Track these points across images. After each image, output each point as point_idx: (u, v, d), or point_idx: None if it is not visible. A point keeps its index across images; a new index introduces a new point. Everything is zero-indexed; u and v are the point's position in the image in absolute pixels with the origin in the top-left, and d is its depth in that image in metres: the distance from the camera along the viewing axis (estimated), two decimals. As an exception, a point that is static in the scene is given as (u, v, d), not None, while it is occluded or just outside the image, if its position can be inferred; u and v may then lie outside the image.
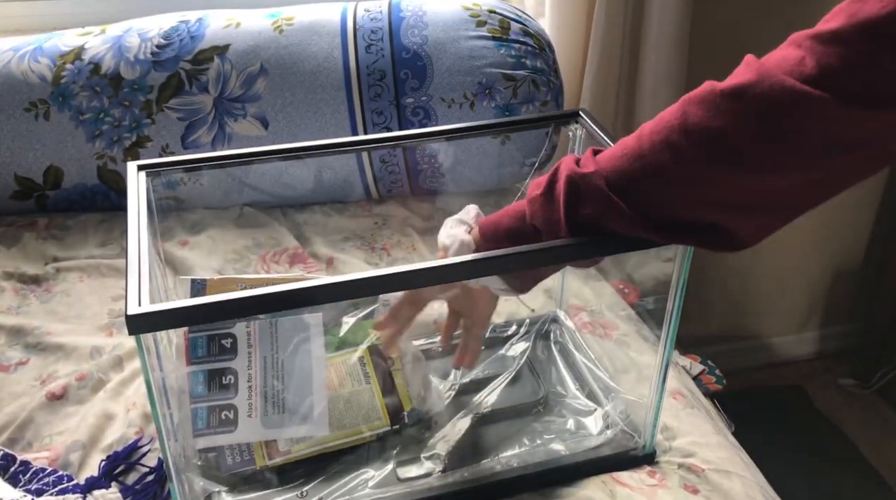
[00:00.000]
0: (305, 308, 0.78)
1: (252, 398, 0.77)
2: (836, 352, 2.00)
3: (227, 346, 0.78)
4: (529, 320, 0.99)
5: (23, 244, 1.15)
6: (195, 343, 0.78)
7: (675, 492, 0.78)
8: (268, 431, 0.77)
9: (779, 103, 0.55)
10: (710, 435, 0.87)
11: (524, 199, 0.71)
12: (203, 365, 0.77)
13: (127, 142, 1.17)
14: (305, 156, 0.88)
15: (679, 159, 0.60)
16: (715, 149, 0.58)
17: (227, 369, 0.77)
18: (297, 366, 0.78)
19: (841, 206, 1.77)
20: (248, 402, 0.77)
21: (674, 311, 0.77)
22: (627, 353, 0.95)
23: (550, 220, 0.67)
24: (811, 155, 0.57)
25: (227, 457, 0.78)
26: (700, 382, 1.45)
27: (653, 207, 0.63)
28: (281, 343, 0.79)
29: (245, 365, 0.77)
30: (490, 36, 1.17)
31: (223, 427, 0.76)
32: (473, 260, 0.68)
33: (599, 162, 0.65)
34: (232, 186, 1.20)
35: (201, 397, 0.76)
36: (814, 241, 1.83)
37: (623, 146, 0.64)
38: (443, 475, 0.80)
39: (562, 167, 0.67)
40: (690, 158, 0.59)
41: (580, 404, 0.89)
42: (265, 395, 0.77)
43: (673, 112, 0.61)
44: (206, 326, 0.79)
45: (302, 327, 0.79)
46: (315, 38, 1.17)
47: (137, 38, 1.18)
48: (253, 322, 0.79)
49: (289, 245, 1.14)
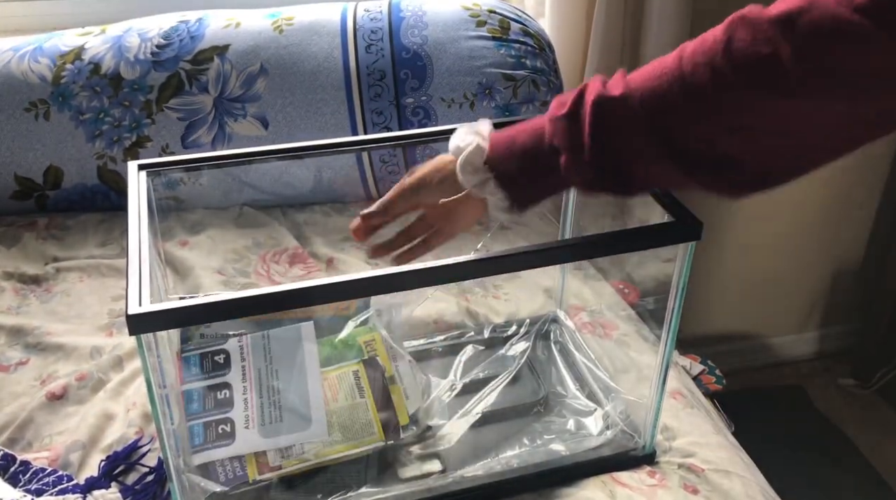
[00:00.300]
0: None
1: (248, 410, 0.76)
2: (836, 352, 2.00)
3: (220, 361, 0.78)
4: (529, 320, 0.99)
5: (23, 244, 1.15)
6: (188, 362, 0.78)
7: (675, 492, 0.78)
8: (266, 440, 0.76)
9: (828, 31, 0.53)
10: (710, 435, 0.87)
11: (542, 115, 0.68)
12: (197, 383, 0.77)
13: (127, 142, 1.17)
14: (305, 156, 0.88)
15: (720, 84, 0.57)
16: (759, 75, 0.56)
17: (221, 384, 0.77)
18: (291, 373, 0.78)
19: (841, 205, 1.78)
20: (245, 414, 0.76)
21: (674, 311, 0.77)
22: (627, 353, 0.95)
23: (573, 144, 0.64)
24: (857, 86, 0.55)
25: (220, 474, 0.76)
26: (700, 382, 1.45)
27: (684, 135, 0.60)
28: (274, 353, 0.79)
29: (239, 378, 0.77)
30: (490, 36, 1.17)
31: (221, 441, 0.75)
32: (475, 260, 0.68)
33: (631, 84, 0.62)
34: (232, 185, 1.20)
35: (197, 414, 0.76)
36: (813, 240, 1.83)
37: (662, 66, 0.61)
38: (443, 475, 0.80)
39: (588, 89, 0.64)
40: (733, 83, 0.57)
41: (580, 404, 0.88)
42: (261, 405, 0.76)
43: (717, 35, 0.58)
44: (199, 345, 0.79)
45: (294, 336, 0.78)
46: (315, 38, 1.17)
47: (137, 38, 1.18)
48: (245, 337, 0.79)
49: (289, 245, 1.14)
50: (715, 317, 1.90)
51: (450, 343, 0.97)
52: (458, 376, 0.90)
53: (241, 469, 0.76)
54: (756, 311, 1.92)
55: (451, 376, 0.90)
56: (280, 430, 0.76)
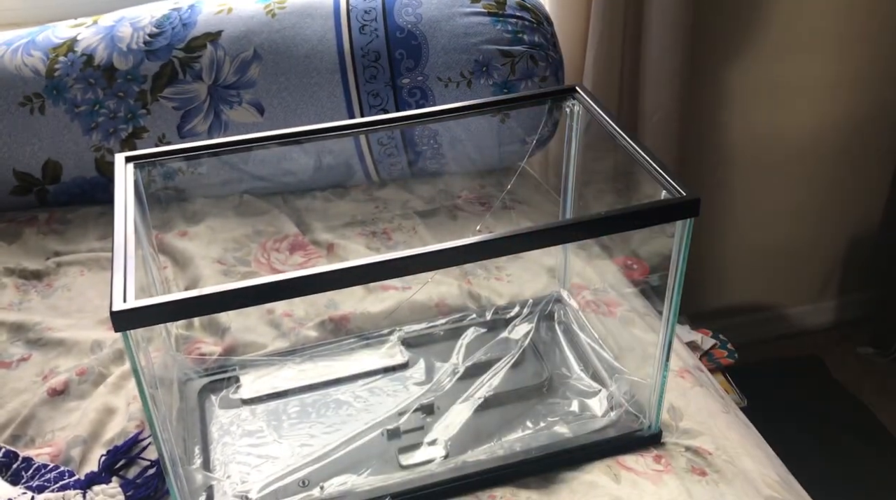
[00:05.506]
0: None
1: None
2: (854, 320, 1.97)
3: None
4: (532, 301, 0.97)
5: (23, 240, 1.14)
6: None
7: (682, 475, 0.77)
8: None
9: None
10: (719, 415, 0.85)
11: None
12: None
13: (123, 133, 1.16)
14: (302, 141, 0.87)
15: None
16: None
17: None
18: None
19: (855, 171, 1.74)
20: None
21: (675, 288, 0.75)
22: (632, 332, 0.94)
23: None
24: None
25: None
26: (712, 356, 1.43)
27: None
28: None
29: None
30: (485, 12, 1.14)
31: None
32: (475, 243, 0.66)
33: None
34: (230, 174, 1.19)
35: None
36: (829, 207, 1.79)
37: None
38: (445, 461, 0.79)
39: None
40: None
41: (584, 385, 0.87)
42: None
43: None
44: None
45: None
46: (308, 20, 1.15)
47: (129, 28, 1.17)
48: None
49: (289, 232, 1.13)
50: (730, 289, 1.87)
51: (452, 326, 0.96)
52: (460, 360, 0.89)
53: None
54: (772, 281, 1.90)
55: (453, 359, 0.89)
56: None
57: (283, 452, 0.81)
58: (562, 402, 0.86)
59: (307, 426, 0.84)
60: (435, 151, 1.18)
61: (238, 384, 0.89)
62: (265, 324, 0.97)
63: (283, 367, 0.91)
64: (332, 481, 0.76)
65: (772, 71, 1.57)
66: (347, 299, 1.00)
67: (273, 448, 0.81)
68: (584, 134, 0.89)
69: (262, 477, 0.77)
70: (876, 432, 1.68)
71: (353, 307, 0.99)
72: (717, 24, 1.47)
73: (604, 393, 0.85)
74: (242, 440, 0.83)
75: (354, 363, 0.92)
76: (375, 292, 1.01)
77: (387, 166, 1.20)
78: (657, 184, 0.73)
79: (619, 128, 0.79)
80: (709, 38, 1.47)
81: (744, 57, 1.53)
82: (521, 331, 0.93)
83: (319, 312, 0.99)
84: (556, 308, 0.98)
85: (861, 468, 1.60)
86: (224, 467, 0.80)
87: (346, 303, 1.00)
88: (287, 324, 0.97)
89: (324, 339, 0.95)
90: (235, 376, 0.90)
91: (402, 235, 1.13)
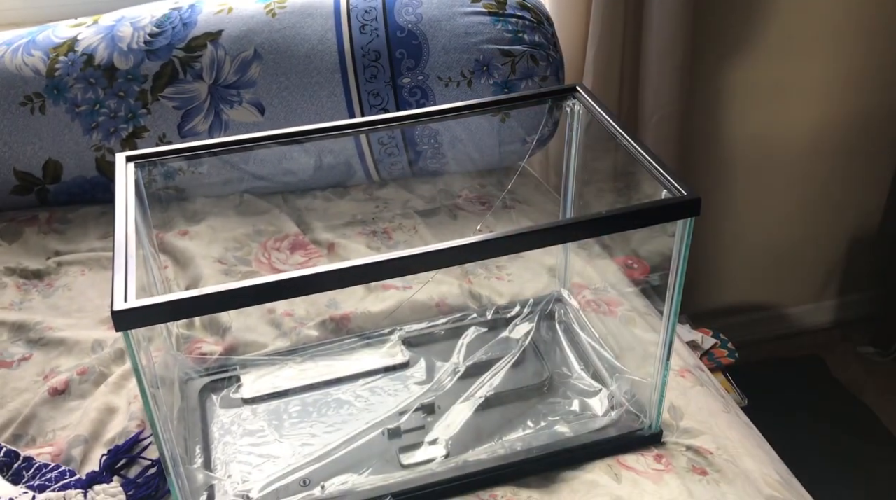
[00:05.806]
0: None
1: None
2: (854, 319, 1.97)
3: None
4: (533, 301, 0.97)
5: (24, 240, 1.14)
6: None
7: (682, 475, 0.77)
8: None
9: None
10: (720, 414, 0.85)
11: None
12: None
13: (124, 133, 1.16)
14: (302, 141, 0.87)
15: None
16: None
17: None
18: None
19: (855, 170, 1.74)
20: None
21: (675, 288, 0.75)
22: (633, 331, 0.94)
23: None
24: None
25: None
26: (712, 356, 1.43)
27: None
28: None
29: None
30: (486, 11, 1.14)
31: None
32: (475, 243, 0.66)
33: None
34: (231, 173, 1.19)
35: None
36: (829, 207, 1.80)
37: None
38: (446, 461, 0.79)
39: None
40: None
41: (585, 384, 0.87)
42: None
43: None
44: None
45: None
46: (308, 20, 1.15)
47: (130, 28, 1.17)
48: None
49: (290, 232, 1.13)
50: (730, 288, 1.87)
51: (452, 326, 0.96)
52: (461, 359, 0.89)
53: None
54: (772, 280, 1.90)
55: (454, 358, 0.89)
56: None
57: (283, 451, 0.81)
58: (562, 401, 0.86)
59: (308, 425, 0.84)
60: (435, 150, 1.18)
61: (239, 384, 0.89)
62: (266, 323, 0.98)
63: (284, 366, 0.91)
64: (333, 480, 0.76)
65: (772, 71, 1.57)
66: (348, 299, 1.01)
67: (274, 448, 0.82)
68: (585, 133, 0.89)
69: (263, 477, 0.77)
70: (876, 431, 1.68)
71: (353, 307, 0.99)
72: (717, 24, 1.48)
73: (604, 392, 0.85)
74: (243, 440, 0.83)
75: (355, 363, 0.92)
76: (376, 292, 1.02)
77: (387, 166, 1.20)
78: (658, 183, 0.73)
79: (620, 127, 0.79)
80: (709, 38, 1.47)
81: (744, 57, 1.53)
82: (521, 330, 0.93)
83: (320, 311, 0.99)
84: (557, 308, 0.98)
85: (861, 468, 1.61)
86: (225, 466, 0.80)
87: (346, 302, 1.00)
88: (288, 323, 0.97)
89: (325, 338, 0.95)
90: (236, 375, 0.90)
91: (403, 235, 1.13)
